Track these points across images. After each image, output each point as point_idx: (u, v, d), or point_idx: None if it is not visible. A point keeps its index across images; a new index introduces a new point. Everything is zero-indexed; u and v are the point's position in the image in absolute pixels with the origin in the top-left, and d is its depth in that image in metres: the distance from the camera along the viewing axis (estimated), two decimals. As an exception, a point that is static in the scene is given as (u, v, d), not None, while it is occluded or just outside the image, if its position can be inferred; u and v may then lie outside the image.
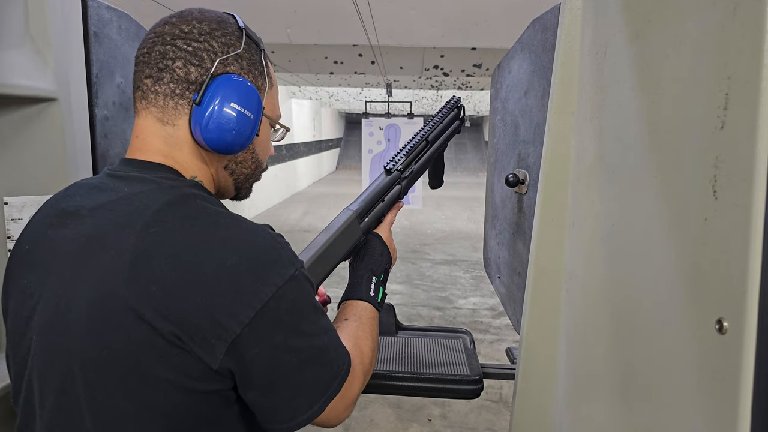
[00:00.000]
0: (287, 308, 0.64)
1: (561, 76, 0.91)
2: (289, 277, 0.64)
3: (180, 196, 0.66)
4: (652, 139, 0.62)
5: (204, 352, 0.60)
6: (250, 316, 0.61)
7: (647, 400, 0.61)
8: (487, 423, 2.94)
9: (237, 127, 0.71)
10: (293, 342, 0.65)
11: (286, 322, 0.64)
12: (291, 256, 0.67)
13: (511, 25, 3.63)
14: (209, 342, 0.60)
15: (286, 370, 0.65)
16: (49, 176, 1.06)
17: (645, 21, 0.64)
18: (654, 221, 0.60)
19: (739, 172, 0.45)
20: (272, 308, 0.62)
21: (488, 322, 4.54)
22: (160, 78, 0.69)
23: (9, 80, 0.97)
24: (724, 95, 0.47)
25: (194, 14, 0.72)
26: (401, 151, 1.11)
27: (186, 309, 0.59)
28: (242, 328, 0.60)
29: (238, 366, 0.63)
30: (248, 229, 0.66)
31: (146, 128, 0.72)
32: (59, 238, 0.68)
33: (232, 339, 0.60)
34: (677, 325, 0.54)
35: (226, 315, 0.60)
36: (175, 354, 0.60)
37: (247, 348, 0.62)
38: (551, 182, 0.94)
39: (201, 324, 0.60)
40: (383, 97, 9.32)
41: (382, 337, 1.29)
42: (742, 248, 0.44)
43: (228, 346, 0.61)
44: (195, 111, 0.70)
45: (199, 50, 0.70)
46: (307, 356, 0.66)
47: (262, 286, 0.62)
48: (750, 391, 0.43)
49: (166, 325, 0.59)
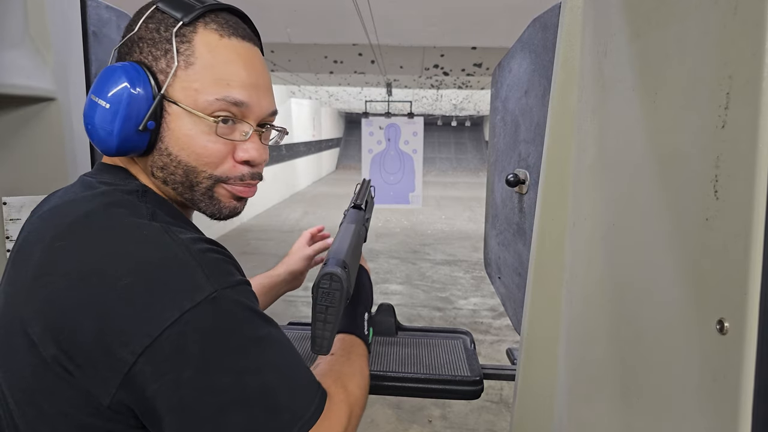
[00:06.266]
0: (197, 337, 0.52)
1: (561, 75, 0.91)
2: (203, 299, 0.53)
3: (105, 205, 0.60)
4: (652, 138, 0.61)
5: (95, 386, 0.53)
6: (145, 344, 0.51)
7: (648, 401, 0.61)
8: (487, 424, 2.94)
9: (91, 122, 0.62)
10: (211, 379, 0.52)
11: (196, 354, 0.52)
12: (216, 274, 0.55)
13: (512, 25, 3.63)
14: (99, 373, 0.52)
15: (203, 412, 0.52)
16: (48, 176, 1.06)
17: (646, 20, 0.64)
18: (655, 221, 0.60)
19: (740, 171, 0.45)
20: (175, 336, 0.51)
21: (488, 323, 4.54)
22: None
23: (8, 80, 0.96)
24: (725, 94, 0.47)
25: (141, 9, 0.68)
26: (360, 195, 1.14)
27: (76, 335, 0.52)
28: (135, 358, 0.51)
29: (139, 404, 0.53)
30: (158, 244, 0.56)
31: None
32: (18, 242, 0.66)
33: (126, 371, 0.51)
34: (678, 326, 0.54)
35: (118, 343, 0.51)
36: (66, 387, 0.53)
37: (145, 383, 0.52)
38: (552, 182, 0.94)
39: (91, 353, 0.52)
40: (383, 96, 9.33)
41: (382, 337, 1.29)
42: (743, 248, 0.44)
43: (122, 379, 0.51)
44: None
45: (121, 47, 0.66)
46: (232, 398, 0.53)
47: (162, 311, 0.51)
48: (751, 391, 0.43)
49: (55, 352, 0.53)
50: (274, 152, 11.74)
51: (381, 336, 1.29)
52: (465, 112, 17.77)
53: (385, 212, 9.48)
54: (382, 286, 5.58)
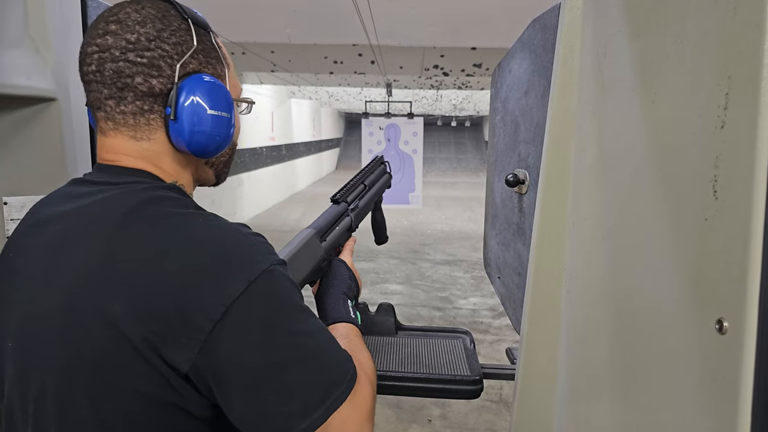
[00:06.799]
0: (262, 304, 0.60)
1: (561, 75, 0.91)
2: (263, 271, 0.60)
3: (149, 199, 0.65)
4: (652, 138, 0.62)
5: (175, 354, 0.58)
6: (221, 312, 0.58)
7: (648, 400, 0.61)
8: (487, 423, 2.94)
9: (219, 132, 0.70)
10: (274, 340, 0.60)
11: (262, 319, 0.60)
12: (266, 252, 0.64)
13: (511, 25, 3.63)
14: (180, 342, 0.58)
15: (269, 371, 0.59)
16: (48, 176, 1.06)
17: (645, 20, 0.64)
18: (654, 221, 0.60)
19: (739, 171, 0.45)
20: (244, 304, 0.59)
21: (488, 323, 4.54)
22: (123, 98, 0.66)
23: (8, 80, 0.97)
24: (725, 95, 0.47)
25: (132, 15, 0.67)
26: (343, 188, 1.16)
27: (155, 310, 0.58)
28: (213, 325, 0.57)
29: (213, 368, 0.59)
30: (216, 227, 0.64)
31: (119, 146, 0.69)
32: (33, 245, 0.67)
33: (204, 338, 0.58)
34: (677, 326, 0.54)
35: (196, 313, 0.58)
36: (143, 361, 0.58)
37: (220, 347, 0.58)
38: (551, 182, 0.94)
39: (171, 324, 0.57)
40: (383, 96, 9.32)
41: (382, 337, 1.29)
42: (743, 248, 0.44)
43: (200, 346, 0.58)
44: (172, 126, 0.68)
45: (155, 59, 0.66)
46: (293, 356, 0.61)
47: (233, 282, 0.59)
48: (750, 391, 0.43)
49: (136, 327, 0.57)
50: (274, 152, 11.75)
51: (381, 335, 1.29)
52: (465, 113, 17.79)
53: (385, 212, 9.48)
54: (382, 285, 5.59)
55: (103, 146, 0.70)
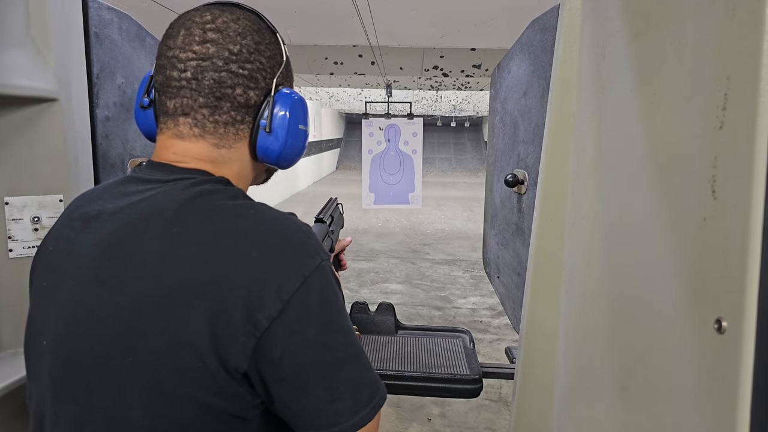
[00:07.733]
0: (316, 300, 0.60)
1: (560, 76, 0.92)
2: (316, 266, 0.60)
3: (198, 193, 0.64)
4: (651, 139, 0.62)
5: (233, 353, 0.57)
6: (279, 308, 0.57)
7: (646, 400, 0.61)
8: (486, 422, 2.94)
9: (305, 145, 0.74)
10: (328, 337, 0.60)
11: (317, 315, 0.60)
12: (317, 245, 0.63)
13: (511, 26, 3.63)
14: (238, 340, 0.57)
15: (321, 367, 0.60)
16: (49, 176, 1.06)
17: (644, 21, 0.64)
18: (653, 221, 0.60)
19: (737, 172, 0.45)
20: (301, 300, 0.58)
21: (488, 322, 4.54)
22: (219, 107, 0.67)
23: (9, 80, 0.97)
24: (723, 95, 0.47)
25: (231, 26, 0.67)
26: (323, 211, 1.19)
27: (214, 307, 0.57)
28: (270, 322, 0.57)
29: (268, 366, 0.58)
30: (271, 218, 0.63)
31: (195, 150, 0.68)
32: (80, 242, 0.65)
33: (260, 334, 0.57)
34: (676, 325, 0.54)
35: (253, 309, 0.57)
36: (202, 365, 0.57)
37: (276, 344, 0.58)
38: (550, 182, 0.95)
39: (230, 321, 0.57)
40: (383, 97, 9.31)
41: (381, 336, 1.29)
42: (741, 248, 0.44)
43: (256, 342, 0.57)
44: (263, 138, 0.70)
45: (254, 71, 0.68)
46: (345, 354, 0.61)
47: (289, 277, 0.58)
48: (749, 390, 0.44)
49: (197, 328, 0.56)
50: (273, 152, 11.66)
51: (381, 335, 1.30)
52: (464, 113, 17.77)
53: (385, 212, 9.48)
54: (382, 285, 5.59)
55: (170, 147, 0.68)
